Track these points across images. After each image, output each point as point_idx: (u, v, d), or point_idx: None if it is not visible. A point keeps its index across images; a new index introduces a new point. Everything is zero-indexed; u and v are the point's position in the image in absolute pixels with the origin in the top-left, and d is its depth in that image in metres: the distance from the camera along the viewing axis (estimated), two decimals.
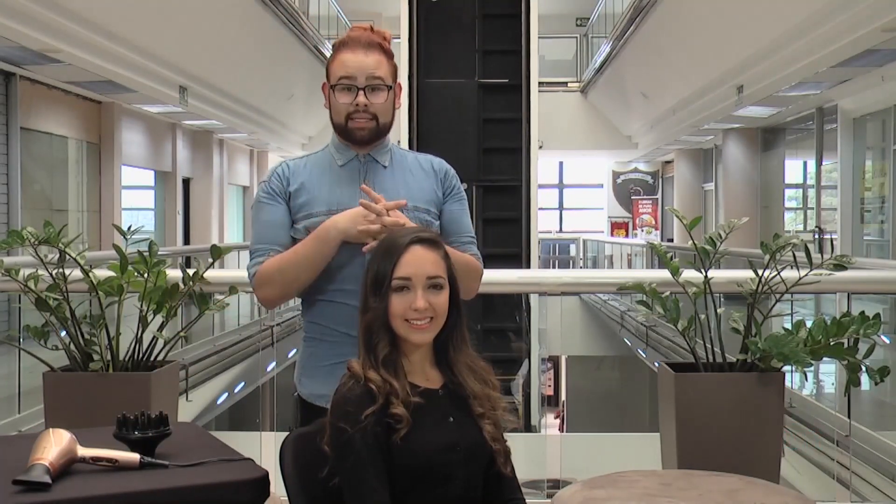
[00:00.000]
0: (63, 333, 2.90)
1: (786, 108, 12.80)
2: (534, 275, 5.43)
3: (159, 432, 1.90)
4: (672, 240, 18.43)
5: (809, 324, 2.86)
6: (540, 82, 9.11)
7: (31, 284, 2.88)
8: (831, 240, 11.60)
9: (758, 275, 2.91)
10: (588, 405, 15.12)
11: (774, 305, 2.97)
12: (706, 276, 2.92)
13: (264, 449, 3.29)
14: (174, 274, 2.98)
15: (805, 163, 14.78)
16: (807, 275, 2.85)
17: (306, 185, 2.24)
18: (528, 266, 8.58)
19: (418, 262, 1.92)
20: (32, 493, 1.68)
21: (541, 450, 4.23)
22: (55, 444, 1.78)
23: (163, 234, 14.77)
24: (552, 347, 6.84)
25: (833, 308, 4.44)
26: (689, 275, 2.98)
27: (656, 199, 22.54)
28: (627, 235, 21.96)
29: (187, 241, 15.77)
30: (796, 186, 15.46)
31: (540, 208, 9.62)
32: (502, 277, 3.72)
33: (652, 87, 16.06)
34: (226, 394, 8.92)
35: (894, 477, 4.57)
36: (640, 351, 11.17)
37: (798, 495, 2.24)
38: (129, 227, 2.97)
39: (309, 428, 1.99)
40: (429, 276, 1.92)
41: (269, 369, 4.66)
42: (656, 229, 21.96)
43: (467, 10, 9.05)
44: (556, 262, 21.50)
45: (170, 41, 10.97)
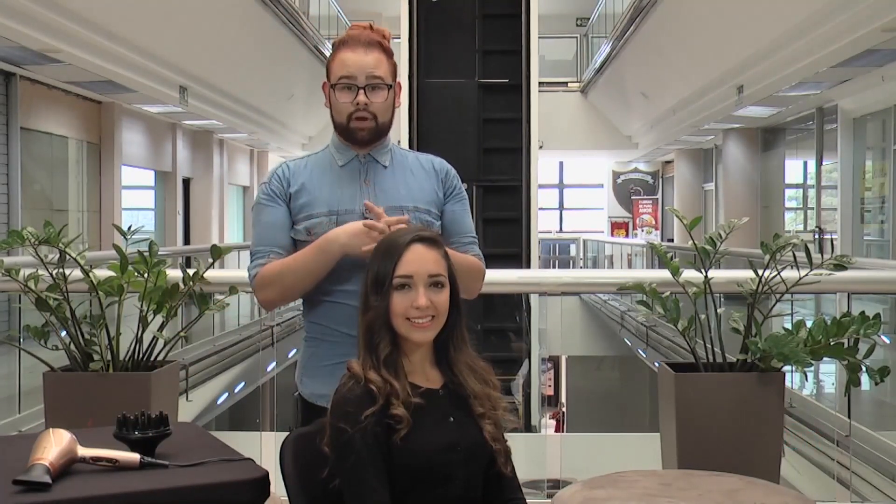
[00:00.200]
0: (63, 333, 2.90)
1: (786, 108, 12.80)
2: (534, 275, 5.43)
3: (159, 432, 1.90)
4: (672, 240, 18.44)
5: (809, 324, 2.86)
6: (540, 82, 9.11)
7: (32, 284, 2.88)
8: (831, 240, 11.60)
9: (758, 275, 2.91)
10: (588, 405, 15.11)
11: (774, 305, 2.97)
12: (706, 276, 2.92)
13: (264, 449, 3.29)
14: (174, 274, 2.98)
15: (805, 163, 14.78)
16: (807, 275, 2.85)
17: (307, 185, 2.24)
18: (528, 266, 8.57)
19: (419, 260, 1.92)
20: (32, 493, 1.68)
21: (541, 450, 4.23)
22: (55, 444, 1.78)
23: (163, 234, 14.77)
24: (552, 347, 6.84)
25: (833, 308, 4.44)
26: (689, 275, 2.98)
27: (656, 199, 22.54)
28: (627, 235, 21.96)
29: (187, 241, 15.77)
30: (796, 186, 15.46)
31: (540, 208, 9.62)
32: (502, 277, 3.72)
33: (652, 87, 16.05)
34: (226, 394, 8.92)
35: (894, 477, 4.57)
36: (640, 351, 11.17)
37: (798, 495, 2.24)
38: (129, 227, 2.97)
39: (309, 428, 1.99)
40: (430, 274, 1.92)
41: (269, 369, 4.67)
42: (656, 229, 21.96)
43: (467, 10, 9.04)
44: (556, 262, 21.49)
45: (170, 41, 10.97)
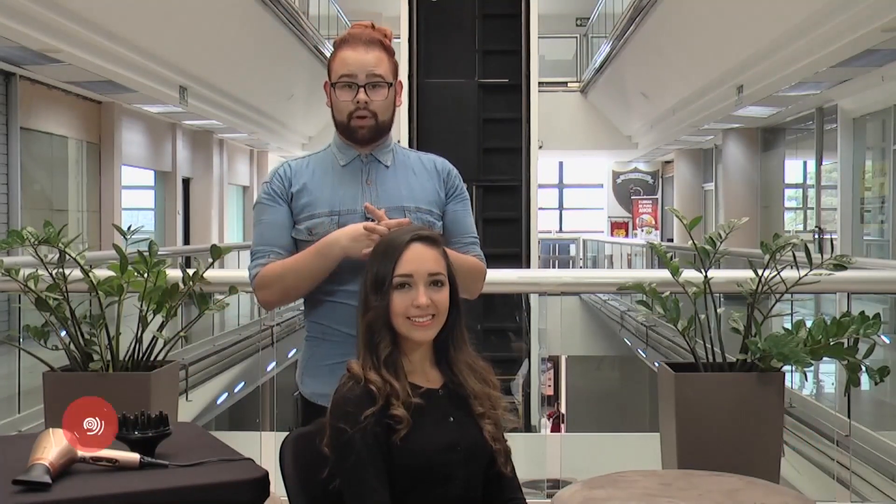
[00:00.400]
0: (63, 333, 2.90)
1: (786, 108, 12.80)
2: (534, 275, 5.42)
3: (159, 432, 1.90)
4: (672, 240, 18.43)
5: (809, 324, 2.86)
6: (540, 82, 9.11)
7: (31, 284, 2.88)
8: (831, 240, 11.59)
9: (758, 275, 2.91)
10: (588, 405, 15.11)
11: (774, 305, 2.97)
12: (706, 276, 2.92)
13: (264, 449, 3.29)
14: (174, 274, 2.98)
15: (805, 163, 14.78)
16: (807, 275, 2.85)
17: (308, 185, 2.24)
18: (528, 266, 8.57)
19: (419, 259, 1.92)
20: (32, 493, 1.68)
21: (541, 450, 4.23)
22: (55, 444, 1.78)
23: (163, 234, 14.77)
24: (552, 347, 6.83)
25: (833, 308, 4.44)
26: (689, 275, 2.98)
27: (656, 199, 22.55)
28: (627, 235, 21.96)
29: (187, 241, 15.77)
30: (796, 186, 15.46)
31: (540, 208, 9.62)
32: (502, 277, 3.72)
33: (652, 87, 16.05)
34: (226, 394, 8.92)
35: (894, 477, 4.57)
36: (640, 351, 11.18)
37: (798, 495, 2.24)
38: (129, 227, 2.97)
39: (309, 428, 1.99)
40: (430, 272, 1.92)
41: (269, 369, 4.66)
42: (656, 229, 21.96)
43: (467, 10, 9.04)
44: (556, 262, 21.49)
45: (170, 41, 10.97)
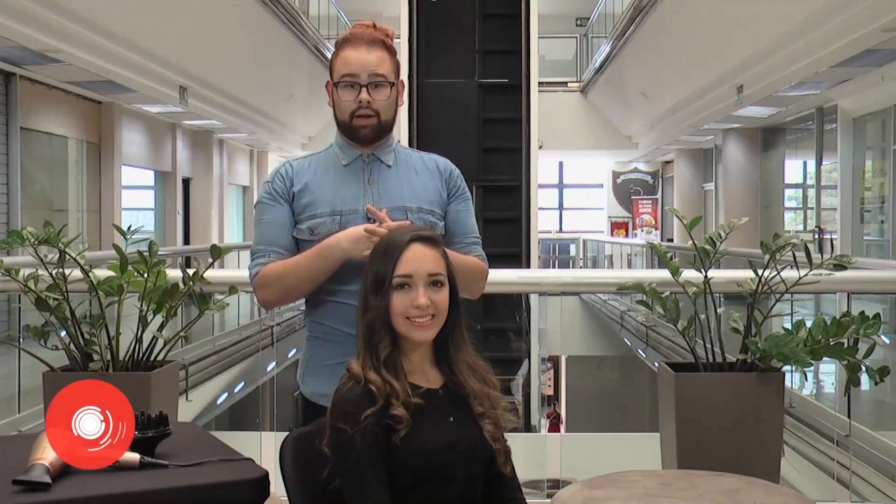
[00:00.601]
0: (63, 333, 2.89)
1: (786, 108, 12.80)
2: (534, 275, 5.42)
3: (159, 432, 1.90)
4: (672, 240, 18.43)
5: (809, 324, 2.86)
6: (540, 82, 9.10)
7: (31, 284, 2.88)
8: (831, 240, 11.59)
9: (758, 275, 2.91)
10: (588, 405, 15.11)
11: (774, 305, 2.97)
12: (706, 276, 2.92)
13: (264, 449, 3.28)
14: (174, 274, 2.98)
15: (805, 163, 14.78)
16: (807, 275, 2.85)
17: (310, 185, 2.24)
18: (528, 266, 8.56)
19: (419, 259, 1.92)
20: (32, 493, 1.68)
21: (541, 450, 4.23)
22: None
23: (163, 234, 14.77)
24: (552, 347, 6.83)
25: (833, 308, 4.44)
26: (689, 275, 2.98)
27: (656, 199, 22.55)
28: (627, 235, 21.96)
29: (187, 241, 15.77)
30: (796, 186, 15.46)
31: (540, 208, 9.62)
32: (502, 277, 3.72)
33: (652, 87, 16.05)
34: (226, 394, 8.92)
35: (894, 477, 4.57)
36: (640, 351, 11.18)
37: (798, 495, 2.24)
38: (129, 227, 2.97)
39: (309, 428, 1.98)
40: (430, 273, 1.92)
41: (269, 369, 4.66)
42: (656, 229, 21.96)
43: (467, 10, 9.04)
44: (556, 262, 21.49)
45: (170, 41, 10.96)
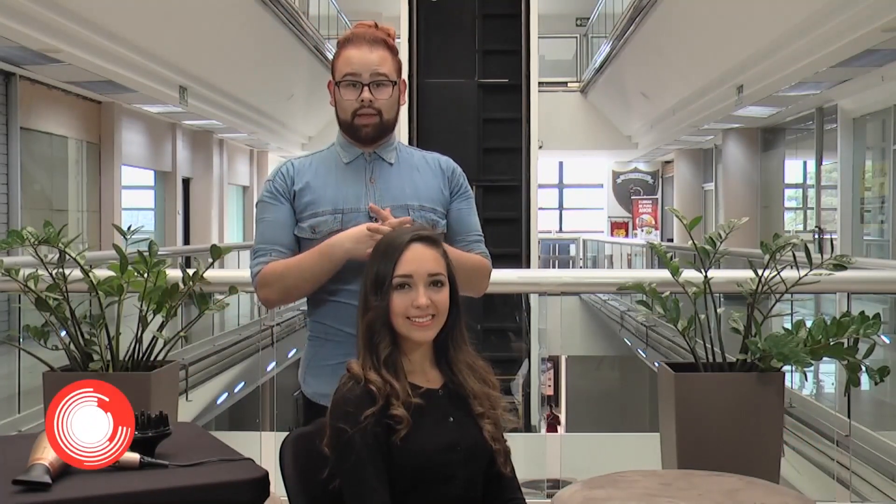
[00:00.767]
0: (63, 333, 2.89)
1: (786, 108, 12.80)
2: (534, 275, 5.42)
3: (159, 432, 1.90)
4: (672, 240, 18.43)
5: (809, 324, 2.86)
6: (540, 82, 9.11)
7: (31, 284, 2.88)
8: (831, 240, 11.59)
9: (758, 275, 2.91)
10: (588, 405, 15.11)
11: (774, 305, 2.97)
12: (706, 276, 2.92)
13: (264, 449, 3.28)
14: (174, 274, 2.98)
15: (805, 163, 14.78)
16: (807, 275, 2.85)
17: (311, 184, 2.24)
18: (528, 266, 8.57)
19: (419, 259, 1.92)
20: (32, 493, 1.68)
21: (541, 450, 4.23)
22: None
23: (163, 234, 14.77)
24: (552, 347, 6.83)
25: (833, 308, 4.44)
26: (689, 275, 2.98)
27: (656, 199, 22.55)
28: (627, 235, 21.96)
29: (187, 241, 15.77)
30: (796, 186, 15.46)
31: (540, 208, 9.62)
32: (502, 277, 3.72)
33: (652, 87, 16.05)
34: (226, 394, 8.92)
35: (894, 477, 4.57)
36: (640, 351, 11.18)
37: (798, 495, 2.24)
38: (129, 227, 2.97)
39: (309, 428, 1.98)
40: (430, 273, 1.92)
41: (269, 369, 4.66)
42: (656, 229, 21.96)
43: (467, 10, 9.04)
44: (556, 262, 21.49)
45: (170, 41, 10.96)
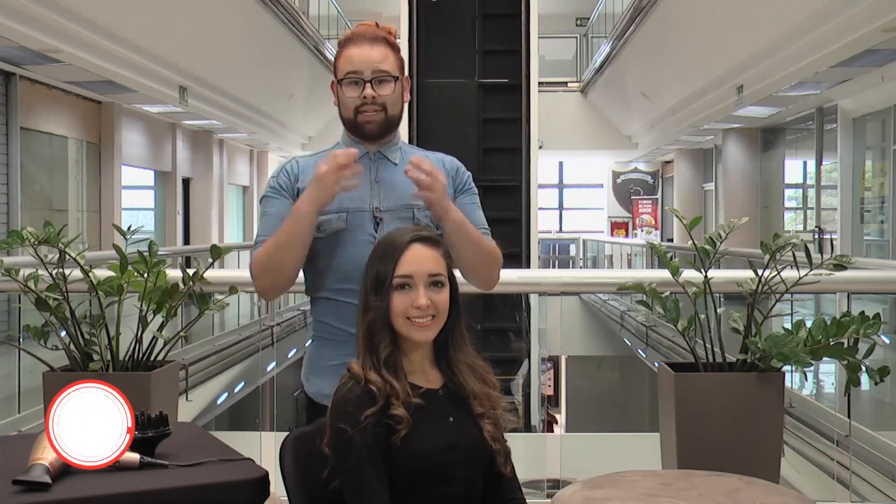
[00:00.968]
0: (63, 333, 2.89)
1: (786, 108, 12.80)
2: (534, 275, 5.42)
3: (159, 432, 1.90)
4: (672, 240, 18.43)
5: (809, 324, 2.86)
6: (540, 82, 9.11)
7: (31, 284, 2.88)
8: (831, 240, 11.60)
9: (758, 275, 2.91)
10: (588, 405, 15.11)
11: (774, 305, 2.97)
12: (706, 276, 2.92)
13: (264, 449, 3.29)
14: (174, 274, 2.98)
15: (805, 163, 14.78)
16: (807, 275, 2.85)
17: None
18: (528, 266, 8.57)
19: (419, 259, 1.92)
20: (32, 493, 1.68)
21: (541, 450, 4.23)
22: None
23: (163, 234, 14.77)
24: (552, 347, 6.83)
25: (833, 308, 4.44)
26: (689, 275, 2.98)
27: (656, 199, 22.55)
28: (627, 235, 21.96)
29: (187, 241, 15.77)
30: (796, 186, 15.46)
31: (540, 208, 9.62)
32: (502, 277, 3.70)
33: (652, 87, 16.05)
34: (226, 394, 8.92)
35: (894, 477, 4.57)
36: (640, 351, 11.18)
37: (798, 495, 2.24)
38: (129, 227, 2.97)
39: (309, 428, 1.99)
40: (430, 273, 1.92)
41: (269, 369, 4.67)
42: (656, 229, 21.96)
43: (467, 10, 9.04)
44: (556, 262, 21.48)
45: (170, 41, 10.97)
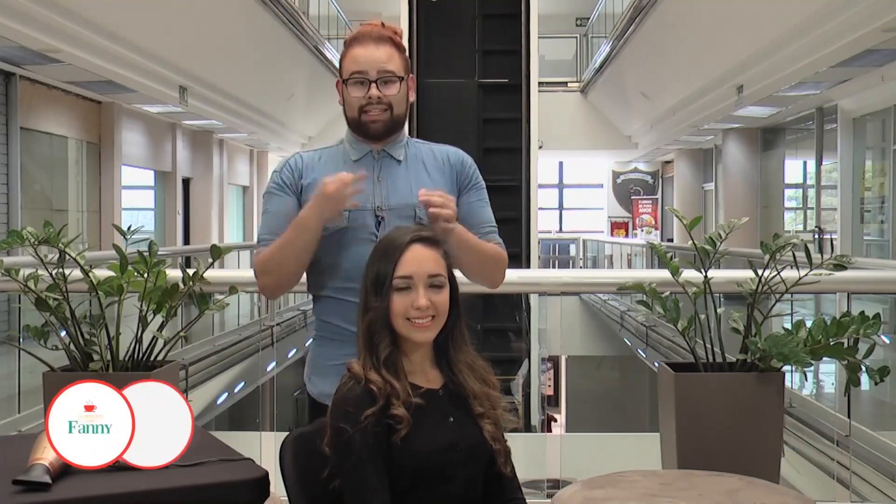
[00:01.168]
0: (63, 333, 2.89)
1: (786, 108, 12.80)
2: (534, 275, 5.42)
3: None
4: (672, 240, 18.43)
5: (809, 324, 2.86)
6: (540, 82, 9.12)
7: (31, 284, 2.87)
8: (831, 240, 11.60)
9: (758, 275, 2.91)
10: (588, 405, 15.11)
11: (774, 305, 2.96)
12: (706, 276, 2.91)
13: (264, 449, 3.28)
14: (174, 274, 2.98)
15: (805, 163, 14.78)
16: (807, 275, 2.84)
17: (319, 181, 2.21)
18: (528, 266, 8.57)
19: (419, 260, 1.92)
20: (32, 493, 1.68)
21: (541, 450, 4.23)
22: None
23: (163, 234, 14.77)
24: (552, 347, 6.83)
25: (833, 308, 4.44)
26: (689, 275, 2.97)
27: (656, 199, 22.55)
28: (627, 235, 21.96)
29: (187, 241, 15.77)
30: (796, 186, 15.46)
31: (540, 208, 9.63)
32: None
33: (652, 87, 16.05)
34: (226, 394, 8.92)
35: (894, 477, 4.57)
36: (640, 351, 11.18)
37: (798, 495, 2.24)
38: (129, 227, 2.96)
39: (309, 428, 1.99)
40: (430, 274, 1.92)
41: (269, 369, 4.67)
42: (656, 229, 21.96)
43: (467, 10, 9.05)
44: (556, 262, 21.48)
45: (170, 41, 10.97)
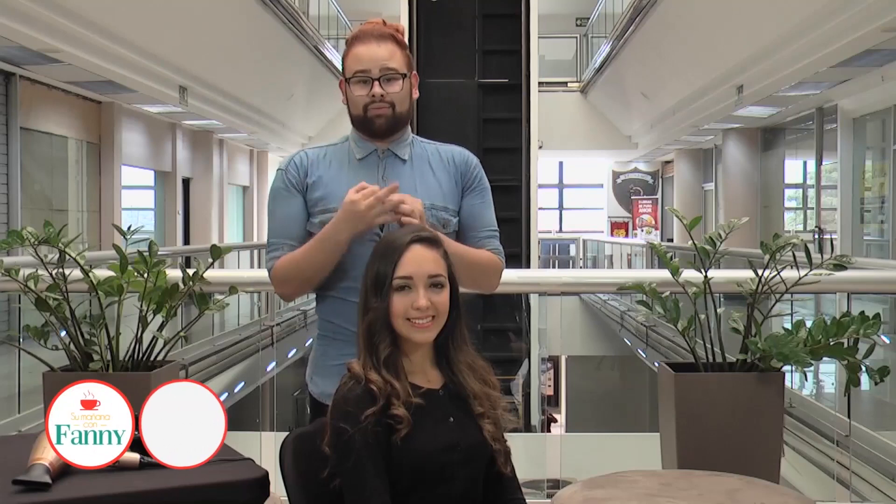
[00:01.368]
0: (63, 333, 2.89)
1: (786, 108, 12.80)
2: (534, 275, 5.42)
3: None
4: (672, 240, 18.44)
5: (809, 324, 2.86)
6: (540, 82, 9.12)
7: (31, 284, 2.87)
8: (831, 240, 11.61)
9: (758, 275, 2.91)
10: (588, 405, 15.11)
11: (774, 305, 2.96)
12: (706, 276, 2.91)
13: (264, 449, 3.28)
14: (174, 274, 2.98)
15: (805, 163, 14.78)
16: (807, 275, 2.84)
17: (324, 179, 2.22)
18: (528, 266, 8.57)
19: (419, 260, 1.92)
20: (32, 493, 1.68)
21: (541, 450, 4.23)
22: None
23: (163, 234, 14.77)
24: (552, 347, 6.83)
25: (833, 308, 4.44)
26: (689, 275, 2.97)
27: (656, 199, 22.55)
28: (627, 235, 21.96)
29: (187, 241, 15.77)
30: (796, 186, 15.46)
31: (540, 208, 9.64)
32: (503, 277, 3.71)
33: (652, 87, 16.06)
34: (226, 394, 8.91)
35: (894, 477, 4.57)
36: (640, 351, 11.18)
37: (798, 495, 2.24)
38: (129, 227, 2.96)
39: (309, 428, 1.99)
40: (430, 274, 1.92)
41: (269, 369, 4.67)
42: (656, 229, 21.97)
43: (467, 10, 9.05)
44: (556, 262, 21.48)
45: (170, 41, 10.97)
